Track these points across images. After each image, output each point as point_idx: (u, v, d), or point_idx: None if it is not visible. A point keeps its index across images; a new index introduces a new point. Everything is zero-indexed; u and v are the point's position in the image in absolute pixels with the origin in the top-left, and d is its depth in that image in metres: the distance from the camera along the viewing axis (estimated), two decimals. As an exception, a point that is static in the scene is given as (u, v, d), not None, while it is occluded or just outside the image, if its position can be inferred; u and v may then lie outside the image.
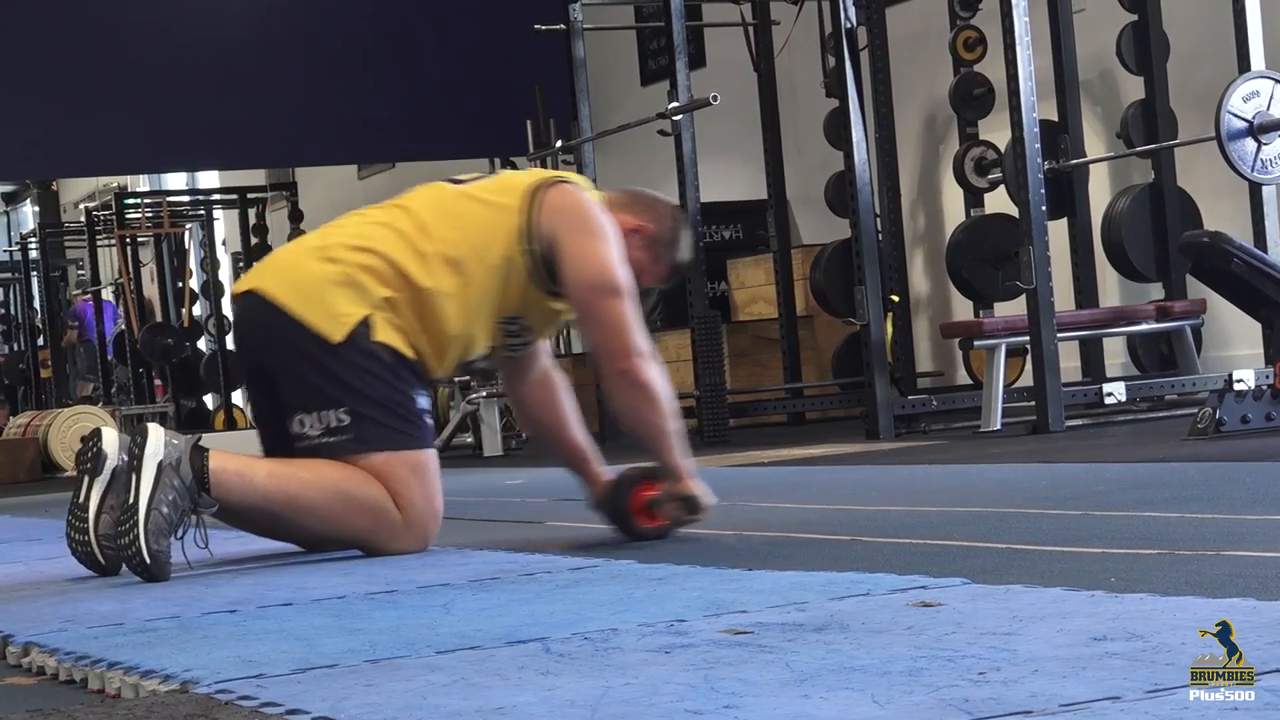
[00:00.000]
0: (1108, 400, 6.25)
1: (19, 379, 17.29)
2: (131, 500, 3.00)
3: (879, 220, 7.55)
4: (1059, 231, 7.07)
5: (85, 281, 16.29)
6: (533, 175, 3.35)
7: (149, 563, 2.97)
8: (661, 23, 7.77)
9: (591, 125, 8.15)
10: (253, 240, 13.65)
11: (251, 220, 13.74)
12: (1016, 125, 5.91)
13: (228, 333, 14.31)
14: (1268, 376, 5.17)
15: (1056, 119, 7.18)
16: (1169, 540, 2.55)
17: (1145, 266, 7.07)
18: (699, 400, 7.15)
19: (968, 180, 7.69)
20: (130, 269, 13.46)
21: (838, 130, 6.99)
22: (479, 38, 10.84)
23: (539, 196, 3.26)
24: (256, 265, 3.38)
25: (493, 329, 3.30)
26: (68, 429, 10.67)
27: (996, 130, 7.17)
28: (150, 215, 14.01)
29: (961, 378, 8.26)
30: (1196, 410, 4.93)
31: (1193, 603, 1.87)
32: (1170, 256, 6.90)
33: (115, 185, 17.40)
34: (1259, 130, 5.58)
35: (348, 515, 3.17)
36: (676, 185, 7.19)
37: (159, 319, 14.28)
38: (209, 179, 16.27)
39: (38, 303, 17.10)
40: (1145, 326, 6.78)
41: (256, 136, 10.94)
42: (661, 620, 2.03)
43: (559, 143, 8.53)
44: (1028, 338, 5.96)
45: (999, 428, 6.07)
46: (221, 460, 3.11)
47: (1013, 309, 6.85)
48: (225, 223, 15.85)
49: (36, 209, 21.42)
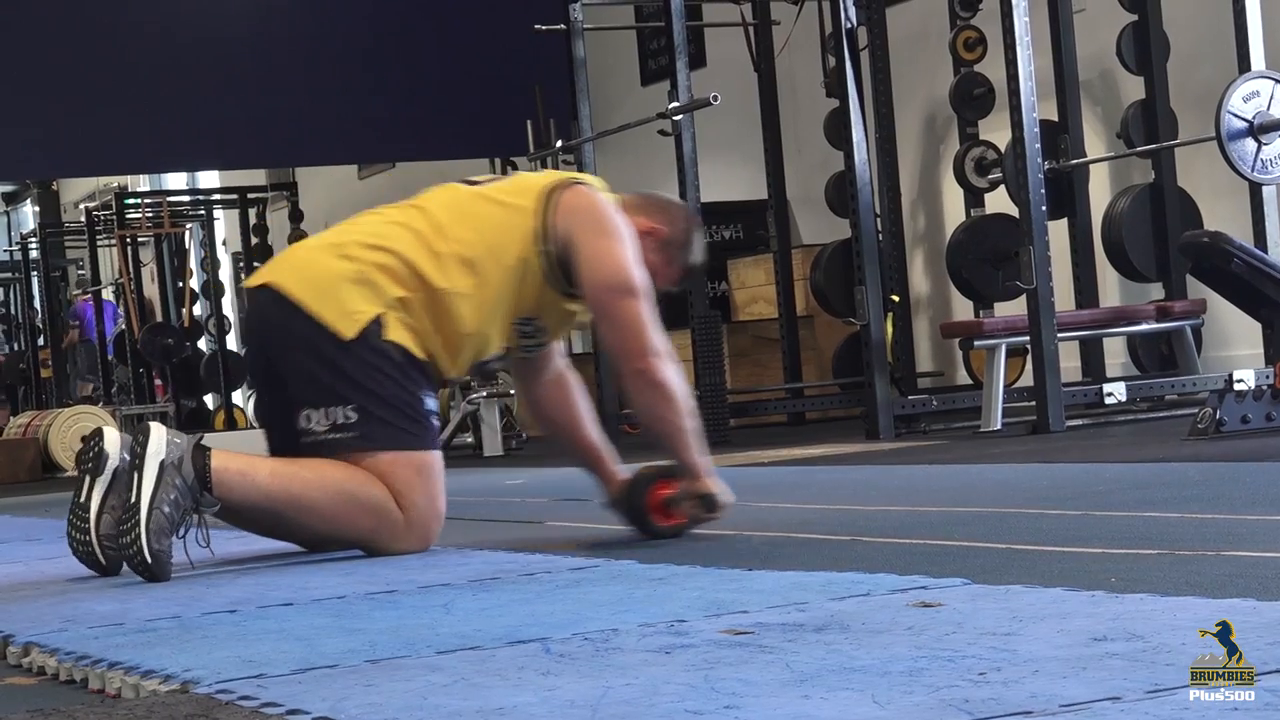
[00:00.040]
0: (1108, 400, 6.25)
1: (19, 379, 17.29)
2: (133, 500, 3.00)
3: (879, 220, 7.55)
4: (1059, 231, 7.07)
5: (86, 281, 16.28)
6: (548, 177, 3.35)
7: (150, 562, 2.97)
8: (661, 23, 7.77)
9: (592, 125, 8.15)
10: (253, 240, 13.65)
11: (252, 220, 13.74)
12: (1016, 125, 5.91)
13: (228, 333, 14.31)
14: (1268, 376, 5.17)
15: (1056, 119, 7.18)
16: (1169, 540, 2.55)
17: (1145, 266, 7.07)
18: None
19: (968, 180, 7.69)
20: (130, 269, 13.47)
21: (838, 130, 6.99)
22: (479, 38, 10.84)
23: (554, 198, 3.26)
24: (271, 260, 3.37)
25: (507, 330, 3.30)
26: (68, 429, 10.67)
27: (996, 130, 7.17)
28: (150, 215, 14.01)
29: (961, 378, 8.26)
30: (1197, 410, 4.93)
31: (1193, 603, 1.87)
32: (1170, 256, 6.89)
33: (115, 185, 17.40)
34: (1259, 130, 5.58)
35: (350, 515, 3.17)
36: (676, 185, 7.18)
37: (159, 319, 14.28)
38: (209, 179, 16.27)
39: (38, 303, 17.10)
40: (1145, 326, 6.78)
41: (256, 136, 10.93)
42: (662, 620, 2.03)
43: (559, 143, 8.52)
44: (1028, 338, 5.96)
45: (999, 428, 6.07)
46: (224, 459, 3.11)
47: (1013, 309, 6.85)
48: (225, 223, 15.86)
49: (37, 209, 21.43)
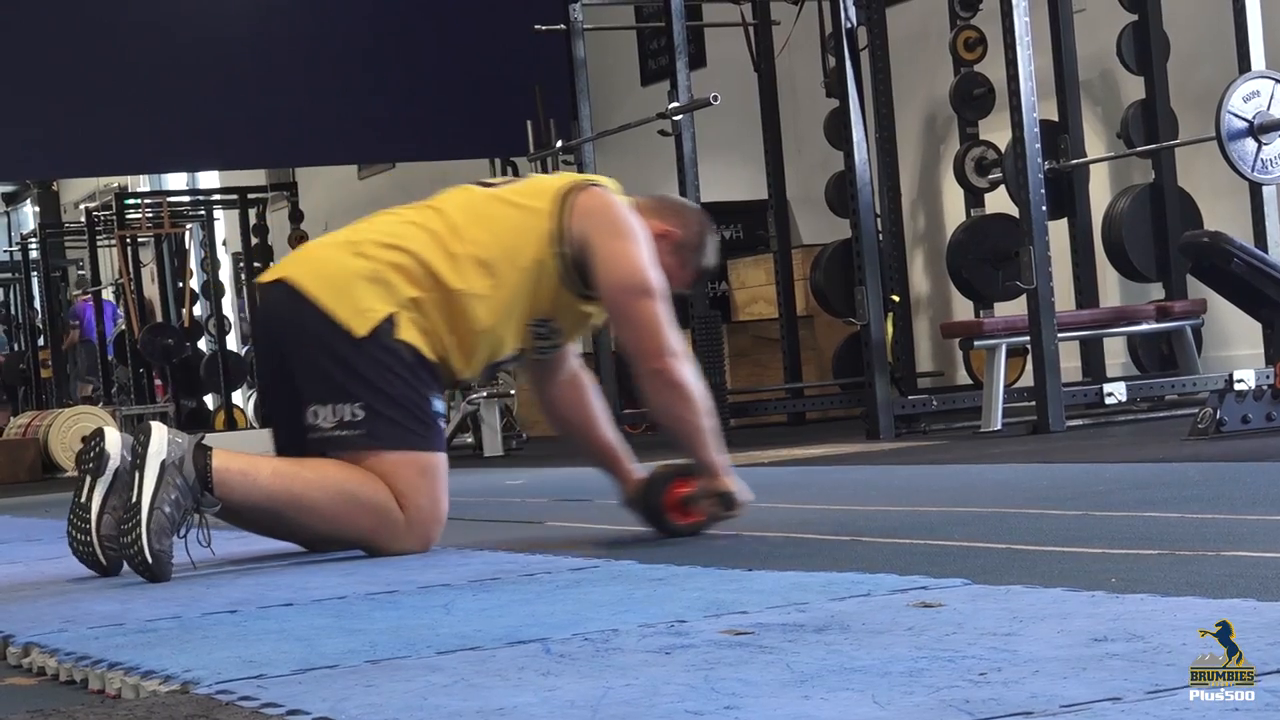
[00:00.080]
0: (1108, 400, 6.25)
1: (19, 379, 17.29)
2: (134, 500, 3.00)
3: (879, 220, 7.55)
4: (1059, 231, 7.07)
5: (86, 282, 16.28)
6: (563, 179, 3.36)
7: (151, 563, 2.97)
8: (661, 23, 7.77)
9: (592, 125, 8.14)
10: (253, 240, 13.64)
11: (252, 220, 13.73)
12: (1017, 125, 5.91)
13: (228, 333, 14.32)
14: (1268, 376, 5.17)
15: (1056, 119, 7.18)
16: (1169, 540, 2.55)
17: (1145, 266, 7.07)
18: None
19: (968, 180, 7.69)
20: (130, 269, 13.46)
21: (838, 130, 6.99)
22: (479, 38, 10.84)
23: (570, 199, 3.27)
24: (286, 257, 3.37)
25: (522, 331, 3.30)
26: (68, 429, 10.67)
27: (996, 130, 7.17)
28: (150, 215, 14.01)
29: (962, 378, 8.26)
30: (1197, 410, 4.93)
31: (1193, 603, 1.87)
32: (1170, 256, 6.89)
33: (115, 185, 17.39)
34: (1259, 130, 5.58)
35: (351, 515, 3.17)
36: (676, 185, 7.17)
37: (159, 319, 14.28)
38: (209, 179, 16.27)
39: (38, 303, 17.10)
40: (1145, 326, 6.78)
41: (256, 136, 10.93)
42: (662, 621, 2.03)
43: (559, 143, 8.52)
44: (1028, 338, 5.96)
45: (999, 428, 6.07)
46: (225, 459, 3.11)
47: (1013, 309, 6.85)
48: (225, 223, 15.85)
49: (37, 209, 21.43)
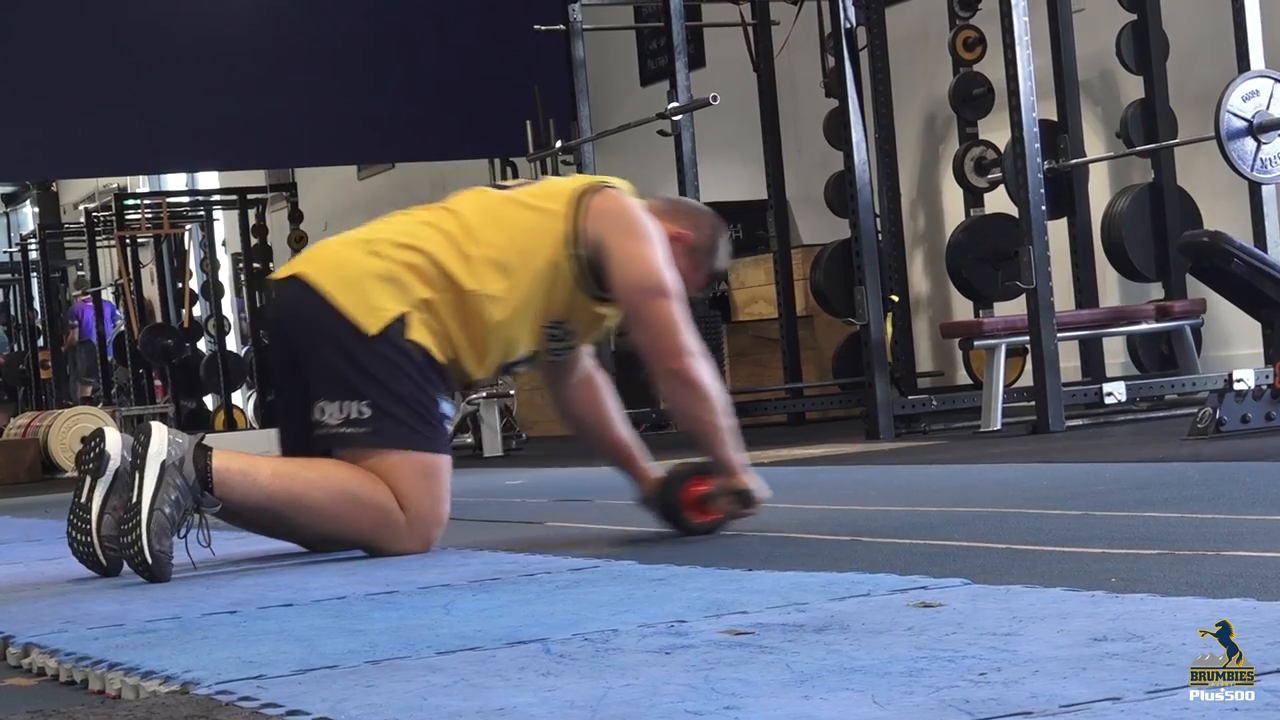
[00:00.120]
0: (1108, 400, 6.25)
1: (19, 380, 17.29)
2: (134, 500, 3.00)
3: (879, 220, 7.55)
4: (1059, 231, 7.07)
5: (85, 282, 16.28)
6: (577, 181, 3.36)
7: (151, 563, 2.97)
8: (661, 23, 7.76)
9: (591, 125, 8.14)
10: (252, 241, 13.64)
11: (251, 221, 13.73)
12: (1016, 125, 5.91)
13: (228, 333, 14.31)
14: (1268, 376, 5.17)
15: (1056, 119, 7.18)
16: (1169, 540, 2.55)
17: (1145, 266, 7.07)
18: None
19: (968, 180, 7.68)
20: (130, 270, 13.46)
21: (838, 130, 6.99)
22: (479, 38, 10.84)
23: (585, 201, 3.28)
24: (300, 254, 3.38)
25: (536, 333, 3.30)
26: (68, 430, 10.67)
27: (996, 130, 7.17)
28: (150, 216, 14.01)
29: (961, 378, 8.26)
30: (1196, 410, 4.93)
31: (1193, 603, 1.86)
32: (1170, 256, 6.89)
33: (115, 186, 17.38)
34: (1259, 130, 5.58)
35: (351, 515, 3.17)
36: (676, 185, 7.18)
37: (159, 320, 14.28)
38: (209, 179, 16.26)
39: (38, 303, 17.10)
40: (1145, 326, 6.78)
41: (256, 136, 10.93)
42: (662, 621, 2.03)
43: (559, 143, 8.52)
44: (1028, 338, 5.96)
45: (999, 428, 6.07)
46: (225, 459, 3.11)
47: (1013, 309, 6.85)
48: (225, 223, 15.85)
49: (36, 210, 21.41)
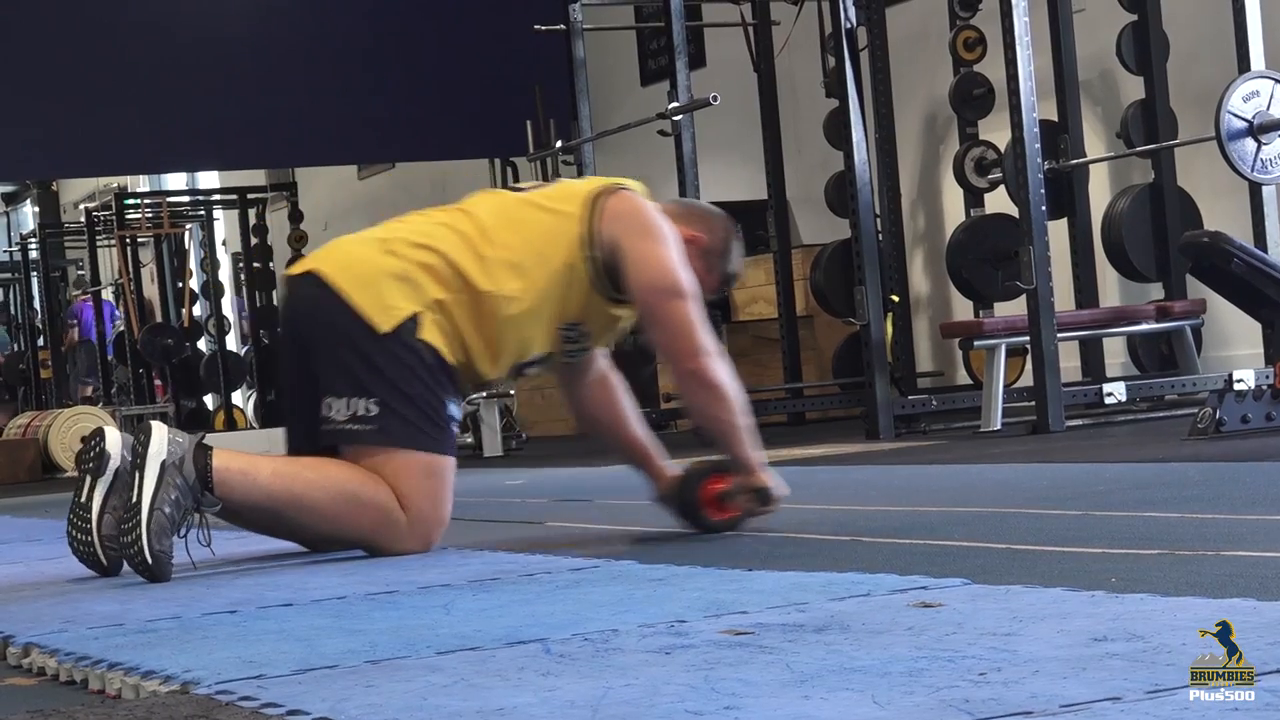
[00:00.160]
0: (1108, 400, 6.25)
1: (19, 379, 17.29)
2: (134, 500, 3.00)
3: (879, 220, 7.55)
4: (1059, 231, 7.07)
5: (84, 281, 16.27)
6: (592, 183, 3.36)
7: (151, 563, 2.97)
8: (661, 23, 7.76)
9: (591, 125, 8.15)
10: (253, 240, 13.64)
11: (251, 220, 13.73)
12: (1016, 125, 5.91)
13: (228, 333, 14.31)
14: (1268, 376, 5.16)
15: (1056, 119, 7.18)
16: (1169, 540, 2.55)
17: (1145, 266, 7.07)
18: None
19: (968, 180, 7.68)
20: (130, 269, 13.46)
21: (838, 130, 6.99)
22: (479, 38, 10.83)
23: (600, 203, 3.28)
24: (315, 251, 3.37)
25: (551, 334, 3.30)
26: (68, 429, 10.68)
27: (996, 130, 7.17)
28: (150, 216, 14.01)
29: (961, 378, 8.26)
30: (1196, 410, 4.93)
31: (1193, 603, 1.86)
32: (1170, 256, 6.89)
33: (115, 185, 17.38)
34: (1259, 130, 5.58)
35: (352, 515, 3.17)
36: (676, 185, 7.18)
37: (159, 319, 14.28)
38: (209, 179, 16.26)
39: (38, 303, 17.10)
40: (1145, 326, 6.78)
41: (256, 136, 10.93)
42: (662, 621, 2.03)
43: (559, 143, 8.52)
44: (1028, 338, 5.96)
45: (999, 428, 6.07)
46: (225, 459, 3.11)
47: (1013, 309, 6.85)
48: (225, 223, 15.84)
49: (36, 209, 21.41)
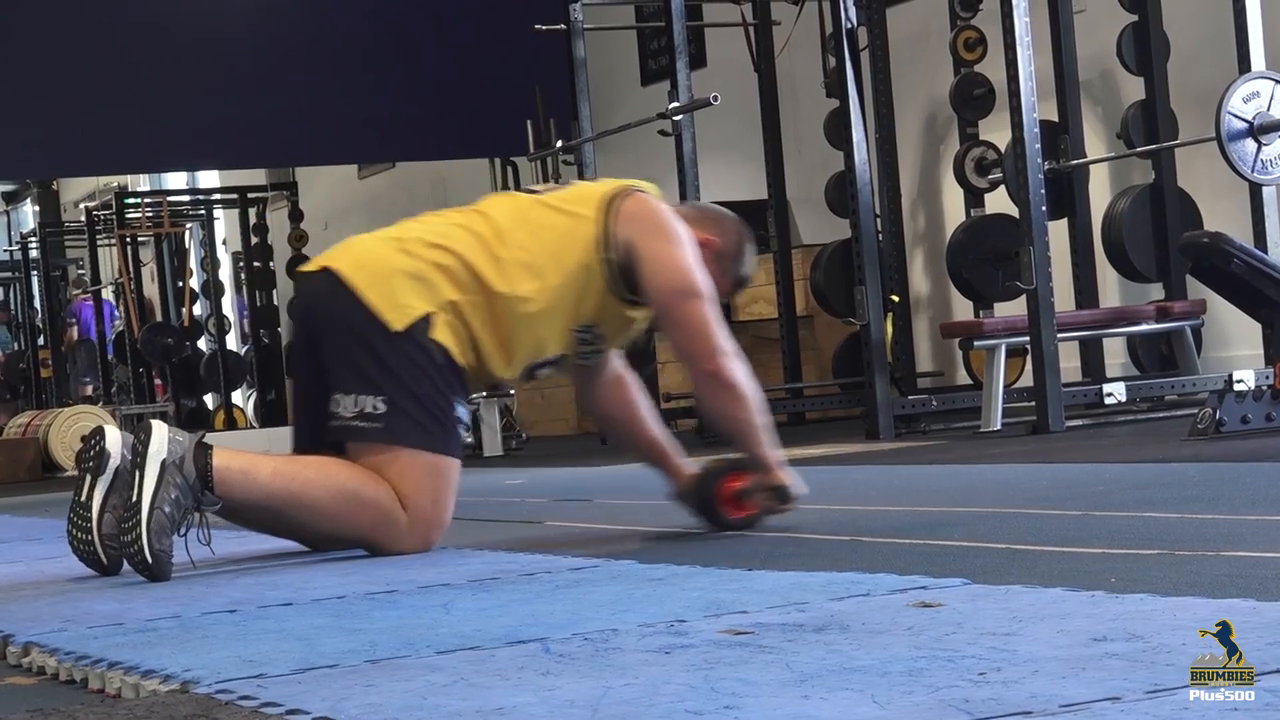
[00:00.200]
0: (1108, 400, 6.25)
1: (19, 379, 17.30)
2: (134, 499, 3.00)
3: (879, 220, 7.55)
4: (1059, 231, 7.07)
5: (83, 281, 16.27)
6: (607, 185, 3.37)
7: (151, 563, 2.97)
8: (662, 23, 7.77)
9: (592, 125, 8.15)
10: (253, 240, 13.64)
11: (251, 220, 13.74)
12: (1016, 125, 5.91)
13: (228, 332, 14.31)
14: (1268, 377, 5.16)
15: (1056, 119, 7.18)
16: (1169, 540, 2.55)
17: (1145, 267, 7.07)
18: (699, 400, 7.13)
19: (968, 180, 7.68)
20: (130, 269, 13.46)
21: (838, 130, 6.99)
22: (479, 38, 10.84)
23: (615, 205, 3.29)
24: (330, 249, 3.37)
25: (565, 335, 3.30)
26: (68, 429, 10.68)
27: (996, 130, 7.17)
28: (150, 215, 14.02)
29: (961, 378, 8.26)
30: (1196, 410, 4.93)
31: (1193, 603, 1.86)
32: (1170, 257, 6.89)
33: (115, 185, 17.39)
34: (1259, 131, 5.58)
35: (352, 514, 3.17)
36: (676, 185, 7.18)
37: (159, 318, 14.28)
38: (209, 179, 16.26)
39: (38, 302, 17.10)
40: (1145, 327, 6.77)
41: (256, 136, 10.93)
42: (661, 620, 2.03)
43: (559, 143, 8.52)
44: (1028, 338, 5.96)
45: (999, 428, 6.07)
46: (225, 458, 3.11)
47: (1013, 309, 6.85)
48: (225, 222, 15.85)
49: (36, 208, 21.40)
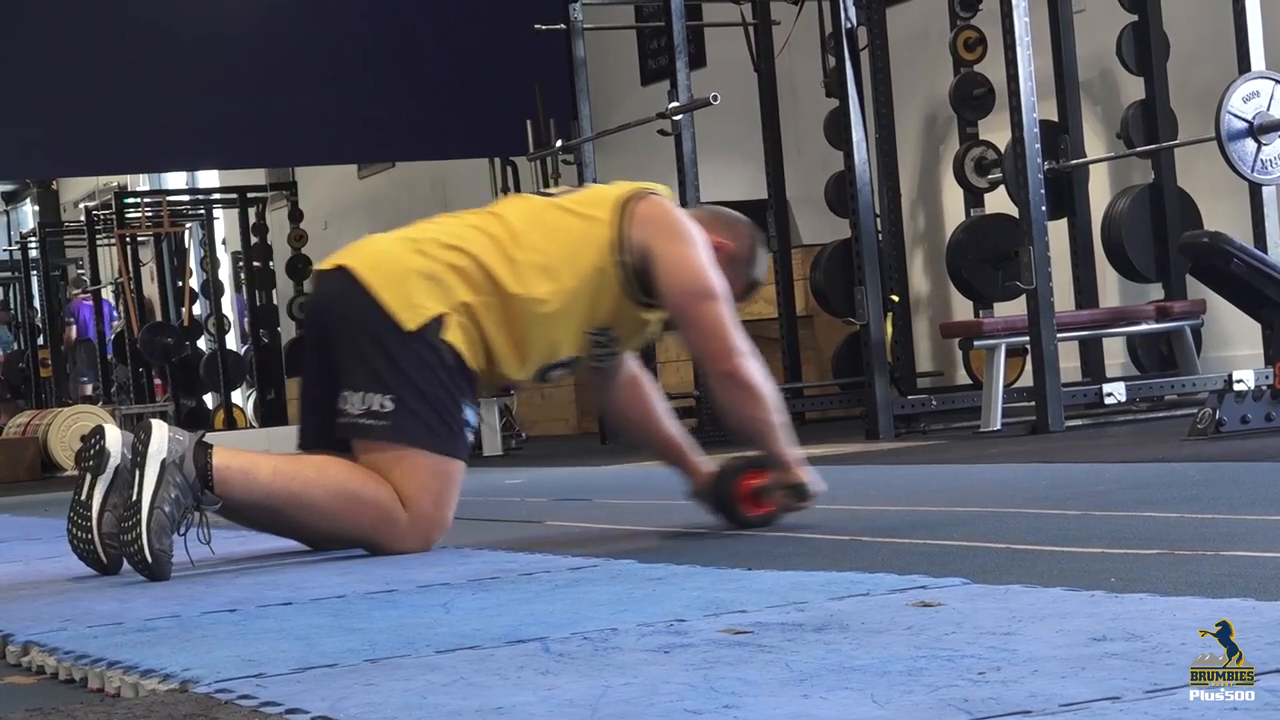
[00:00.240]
0: (1107, 400, 6.25)
1: (19, 378, 17.30)
2: (134, 498, 3.00)
3: (879, 220, 7.55)
4: (1059, 231, 7.07)
5: (82, 280, 16.28)
6: (621, 188, 3.37)
7: (151, 562, 2.97)
8: (661, 22, 7.77)
9: (591, 125, 8.15)
10: (252, 240, 13.64)
11: (251, 220, 13.74)
12: (1016, 125, 5.91)
13: (227, 332, 14.31)
14: (1267, 377, 5.17)
15: (1056, 119, 7.18)
16: (1169, 540, 2.55)
17: (1145, 267, 7.07)
18: (699, 400, 7.14)
19: (968, 180, 7.68)
20: (130, 268, 13.46)
21: (838, 130, 6.99)
22: (479, 38, 10.83)
23: (629, 208, 3.30)
24: (345, 248, 3.37)
25: (579, 338, 3.30)
26: (67, 428, 10.68)
27: (996, 130, 7.17)
28: (150, 215, 14.01)
29: (961, 378, 8.26)
30: (1196, 410, 4.93)
31: (1192, 603, 1.86)
32: (1170, 256, 6.89)
33: (115, 184, 17.39)
34: (1259, 130, 5.58)
35: (351, 514, 3.17)
36: (676, 185, 7.18)
37: (159, 318, 14.28)
38: (209, 178, 16.27)
39: (38, 302, 17.10)
40: (1145, 327, 6.78)
41: (256, 136, 10.93)
42: (661, 620, 2.03)
43: (559, 142, 8.52)
44: (1028, 338, 5.96)
45: (999, 428, 6.07)
46: (225, 457, 3.11)
47: (1013, 309, 6.85)
48: (225, 222, 15.85)
49: (36, 208, 21.42)
